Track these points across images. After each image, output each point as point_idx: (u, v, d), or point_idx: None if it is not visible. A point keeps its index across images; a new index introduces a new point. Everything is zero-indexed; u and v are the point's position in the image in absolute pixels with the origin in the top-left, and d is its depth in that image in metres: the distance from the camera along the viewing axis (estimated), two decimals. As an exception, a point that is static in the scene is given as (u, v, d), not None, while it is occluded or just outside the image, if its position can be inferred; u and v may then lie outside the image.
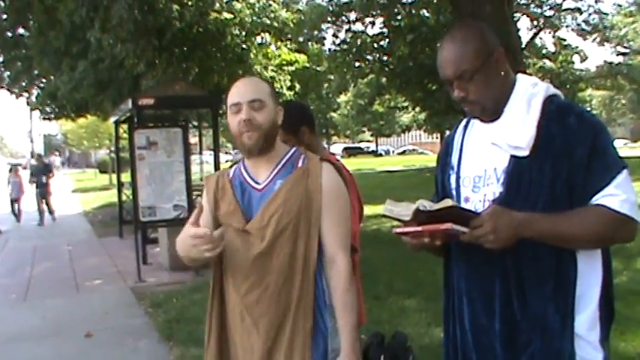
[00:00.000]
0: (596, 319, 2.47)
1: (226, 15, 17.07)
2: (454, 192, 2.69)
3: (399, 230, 2.48)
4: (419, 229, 2.40)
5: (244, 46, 18.40)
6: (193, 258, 2.87)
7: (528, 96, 2.53)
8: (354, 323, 2.99)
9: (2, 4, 18.04)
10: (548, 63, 40.40)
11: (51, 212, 22.89)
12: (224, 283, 3.14)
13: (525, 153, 2.45)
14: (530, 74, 2.97)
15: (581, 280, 2.45)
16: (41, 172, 22.52)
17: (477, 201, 2.57)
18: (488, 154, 2.58)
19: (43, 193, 22.40)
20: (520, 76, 2.62)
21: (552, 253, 2.43)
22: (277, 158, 3.09)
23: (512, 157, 2.48)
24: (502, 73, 2.55)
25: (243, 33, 18.18)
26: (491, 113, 2.56)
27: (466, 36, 2.53)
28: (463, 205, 2.58)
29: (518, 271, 2.47)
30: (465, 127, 2.79)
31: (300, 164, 3.09)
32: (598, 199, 2.37)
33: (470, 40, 2.52)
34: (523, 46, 26.88)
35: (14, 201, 23.29)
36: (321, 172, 3.04)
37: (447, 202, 2.39)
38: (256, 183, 3.09)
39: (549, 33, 39.16)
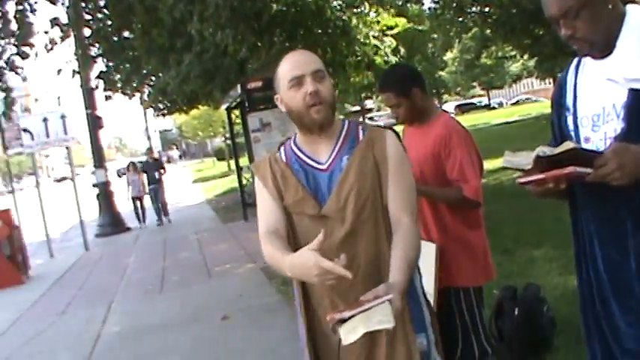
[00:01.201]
0: None
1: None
2: (572, 133, 2.60)
3: (522, 180, 2.44)
4: (541, 176, 2.35)
5: (345, 17, 18.32)
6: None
7: None
8: (407, 270, 2.59)
9: (106, 12, 18.48)
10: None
11: (165, 212, 21.56)
12: None
13: None
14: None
15: None
16: (152, 168, 21.31)
17: (598, 140, 2.48)
18: (604, 90, 2.47)
19: (156, 190, 21.03)
20: (630, 8, 2.49)
21: None
22: (335, 133, 2.91)
23: (631, 90, 2.37)
24: (610, 5, 2.42)
25: (343, 4, 18.11)
26: (602, 49, 2.45)
27: None
28: (584, 145, 2.50)
29: None
30: (577, 66, 2.67)
31: (361, 136, 2.90)
32: None
33: None
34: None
35: (136, 199, 21.41)
36: (386, 140, 2.85)
37: (568, 145, 2.32)
38: (319, 163, 2.90)
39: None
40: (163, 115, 27.84)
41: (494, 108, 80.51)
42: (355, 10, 19.56)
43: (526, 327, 5.15)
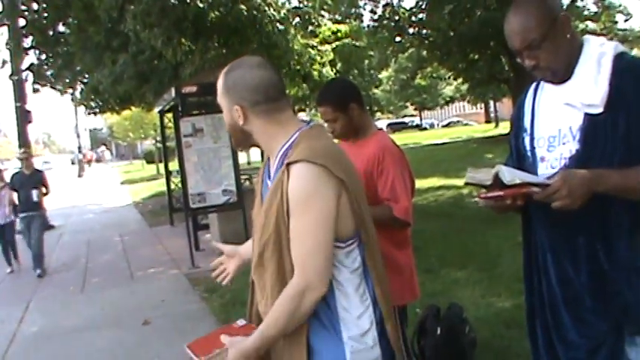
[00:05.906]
0: None
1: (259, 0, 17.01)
2: (529, 153, 2.76)
3: (483, 195, 2.56)
4: (501, 193, 2.49)
5: (281, 27, 18.30)
6: None
7: (598, 55, 2.57)
8: (266, 330, 2.50)
9: (43, 4, 18.20)
10: (590, 25, 39.64)
11: (39, 260, 12.86)
12: None
13: (599, 110, 2.49)
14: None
15: None
16: (27, 184, 12.76)
17: (553, 159, 2.64)
18: (561, 114, 2.63)
19: (31, 220, 12.77)
20: (588, 37, 2.67)
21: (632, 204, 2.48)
22: (279, 145, 2.63)
23: (587, 114, 2.53)
24: (568, 35, 2.58)
25: (280, 15, 18.09)
26: (562, 75, 2.61)
27: (529, 6, 2.58)
28: (539, 164, 2.68)
29: (601, 223, 2.53)
30: (535, 89, 2.84)
31: (285, 162, 2.52)
32: None
33: (533, 9, 2.56)
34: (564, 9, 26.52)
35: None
36: (290, 178, 2.46)
37: (516, 180, 2.46)
38: (269, 178, 2.69)
39: (590, -7, 38.38)
40: (95, 113, 27.42)
41: (425, 129, 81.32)
42: (296, 18, 19.62)
43: (448, 346, 5.20)
